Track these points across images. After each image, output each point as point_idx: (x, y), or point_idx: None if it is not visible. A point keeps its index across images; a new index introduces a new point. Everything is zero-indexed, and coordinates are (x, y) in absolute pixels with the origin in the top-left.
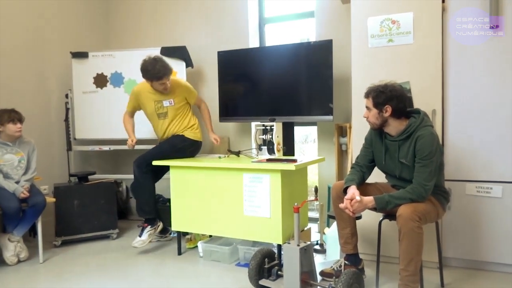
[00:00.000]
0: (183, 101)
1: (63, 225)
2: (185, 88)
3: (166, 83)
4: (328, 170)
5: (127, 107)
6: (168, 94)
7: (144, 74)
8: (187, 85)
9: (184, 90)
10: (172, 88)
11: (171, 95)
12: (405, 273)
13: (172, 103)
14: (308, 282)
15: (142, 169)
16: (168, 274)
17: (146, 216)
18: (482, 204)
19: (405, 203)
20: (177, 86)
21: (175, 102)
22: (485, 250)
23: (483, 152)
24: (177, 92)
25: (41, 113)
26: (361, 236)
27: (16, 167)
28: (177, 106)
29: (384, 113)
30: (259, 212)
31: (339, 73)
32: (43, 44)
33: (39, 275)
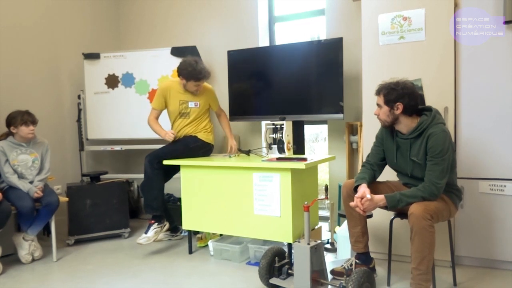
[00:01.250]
0: (207, 105)
1: (76, 224)
2: (213, 94)
3: (200, 85)
4: (338, 169)
5: (154, 105)
6: (195, 96)
7: (184, 72)
8: (214, 92)
9: (211, 96)
10: (200, 91)
11: (198, 98)
12: (417, 272)
13: (197, 105)
14: (319, 281)
15: (153, 165)
16: (179, 273)
17: (153, 213)
18: (495, 202)
19: (416, 201)
20: (205, 91)
21: (200, 105)
22: (498, 249)
23: (496, 149)
24: (204, 96)
25: (54, 114)
26: (372, 235)
27: (30, 167)
28: (201, 109)
29: (395, 111)
30: (269, 211)
31: (350, 71)
32: (56, 46)
33: (53, 274)
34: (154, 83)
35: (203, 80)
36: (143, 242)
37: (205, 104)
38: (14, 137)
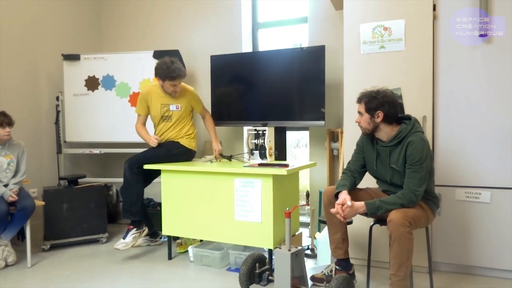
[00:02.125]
0: (189, 108)
1: (52, 229)
2: (194, 96)
3: (177, 85)
4: (319, 175)
5: (137, 111)
6: (176, 99)
7: (160, 71)
8: (196, 93)
9: (192, 98)
10: (181, 93)
11: (179, 100)
12: (396, 278)
13: (178, 108)
14: (299, 287)
15: (133, 169)
16: (158, 278)
17: (132, 218)
18: (471, 209)
19: (395, 208)
20: (186, 92)
21: (181, 108)
22: (474, 255)
23: (472, 158)
24: (185, 98)
25: (31, 115)
26: (352, 241)
27: (5, 170)
28: (182, 112)
29: (376, 119)
30: (250, 216)
31: (331, 79)
32: (35, 46)
33: (27, 280)
34: (136, 86)
35: (178, 80)
36: (121, 247)
37: (187, 107)
38: None
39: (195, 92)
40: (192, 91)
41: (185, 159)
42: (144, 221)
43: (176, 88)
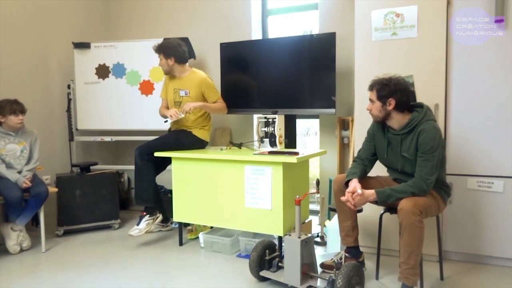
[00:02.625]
0: (199, 95)
1: (65, 215)
2: (204, 83)
3: (161, 59)
4: (329, 163)
5: (161, 95)
6: (185, 84)
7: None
8: (207, 81)
9: (202, 85)
10: (190, 79)
11: (188, 86)
12: (405, 266)
13: (187, 94)
14: (309, 274)
15: (143, 157)
16: (169, 264)
17: (144, 204)
18: (483, 198)
19: (406, 196)
20: (196, 79)
21: (190, 94)
22: (485, 244)
23: (485, 146)
24: (195, 84)
25: (43, 104)
26: (362, 229)
27: (19, 157)
28: (192, 99)
29: (387, 106)
30: (260, 204)
31: (342, 66)
32: (45, 34)
33: (42, 264)
34: (146, 74)
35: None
36: (135, 234)
37: (197, 94)
38: (2, 126)
39: (207, 80)
40: (203, 79)
41: (196, 149)
42: (157, 207)
43: (162, 63)
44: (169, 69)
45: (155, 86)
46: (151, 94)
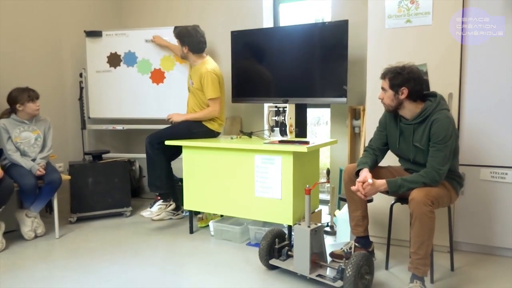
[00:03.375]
0: (201, 88)
1: (78, 202)
2: (204, 77)
3: (180, 47)
4: (340, 153)
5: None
6: (193, 74)
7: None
8: (207, 75)
9: (202, 78)
10: (197, 69)
11: (194, 76)
12: (416, 256)
13: (192, 85)
14: (318, 263)
15: (153, 145)
16: (180, 251)
17: (158, 191)
18: (496, 189)
19: (418, 187)
20: (200, 70)
21: (195, 85)
22: (497, 236)
23: (498, 137)
24: (198, 75)
25: (56, 92)
26: (372, 219)
27: (33, 145)
28: (196, 89)
29: (400, 95)
30: (270, 193)
31: (354, 55)
32: (57, 22)
33: (56, 250)
34: (157, 63)
35: (177, 40)
36: (146, 215)
37: (199, 87)
38: (17, 115)
39: (208, 74)
40: (204, 72)
41: (206, 138)
42: (171, 194)
43: (181, 50)
44: (184, 56)
45: (166, 75)
46: (162, 83)
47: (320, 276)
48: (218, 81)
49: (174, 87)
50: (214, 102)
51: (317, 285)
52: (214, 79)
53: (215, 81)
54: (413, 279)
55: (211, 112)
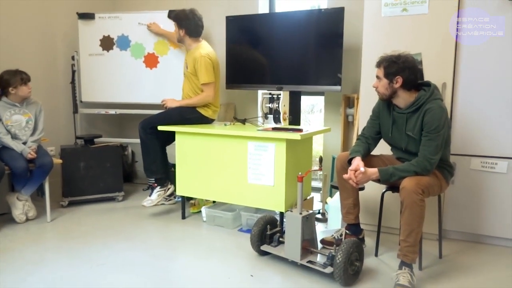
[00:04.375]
0: (194, 72)
1: (70, 186)
2: (197, 61)
3: (177, 30)
4: (333, 141)
5: None
6: (188, 58)
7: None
8: (201, 60)
9: (195, 62)
10: (192, 53)
11: (189, 60)
12: (405, 244)
13: (186, 68)
14: (309, 249)
15: (146, 130)
16: (172, 236)
17: (153, 176)
18: (486, 179)
19: (409, 175)
20: (194, 55)
21: (189, 69)
22: (485, 224)
23: (490, 127)
24: (192, 60)
25: (47, 75)
26: (363, 207)
27: (24, 128)
28: (190, 74)
29: (394, 84)
30: (263, 180)
31: (349, 43)
32: (49, 4)
33: (47, 234)
34: (150, 47)
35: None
36: (147, 204)
37: (193, 72)
38: (8, 97)
39: (202, 59)
40: (198, 57)
41: (200, 124)
42: (167, 177)
43: (177, 33)
44: (180, 39)
45: (160, 60)
46: (155, 67)
47: (311, 262)
48: (212, 66)
49: (168, 72)
50: (208, 87)
51: (308, 271)
52: (208, 63)
53: (208, 66)
54: (402, 266)
55: (205, 97)
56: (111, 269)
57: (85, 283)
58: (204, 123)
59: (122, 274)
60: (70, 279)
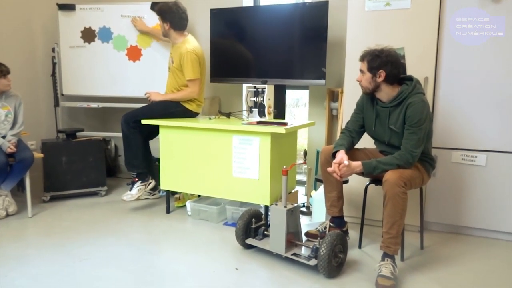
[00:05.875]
0: (180, 67)
1: (52, 181)
2: (183, 57)
3: (159, 21)
4: (317, 135)
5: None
6: (174, 52)
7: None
8: (187, 55)
9: (181, 58)
10: (178, 48)
11: (174, 55)
12: (388, 236)
13: (172, 62)
14: (293, 242)
15: (129, 124)
16: (157, 231)
17: (135, 171)
18: (466, 171)
19: (392, 168)
20: (180, 49)
21: (174, 64)
22: (465, 216)
23: (470, 121)
24: (178, 54)
25: (27, 67)
26: (347, 200)
27: (3, 122)
28: (175, 68)
29: (377, 78)
30: (247, 173)
31: (334, 37)
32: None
33: (29, 229)
34: (133, 39)
35: (158, 17)
36: (127, 198)
37: (178, 67)
38: None
39: (188, 54)
40: (184, 52)
41: (184, 118)
42: (149, 172)
43: (162, 27)
44: (166, 33)
45: (143, 52)
46: (138, 60)
47: (295, 255)
48: (198, 61)
49: (151, 65)
50: (193, 83)
51: (292, 264)
52: (194, 59)
53: (195, 62)
54: (385, 257)
55: (190, 93)
56: (94, 264)
57: (68, 279)
58: (188, 117)
59: (106, 268)
60: (52, 274)
